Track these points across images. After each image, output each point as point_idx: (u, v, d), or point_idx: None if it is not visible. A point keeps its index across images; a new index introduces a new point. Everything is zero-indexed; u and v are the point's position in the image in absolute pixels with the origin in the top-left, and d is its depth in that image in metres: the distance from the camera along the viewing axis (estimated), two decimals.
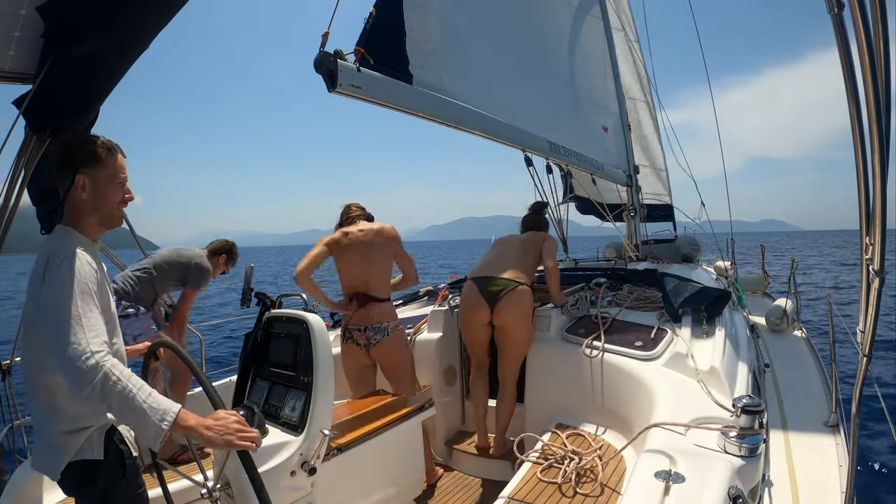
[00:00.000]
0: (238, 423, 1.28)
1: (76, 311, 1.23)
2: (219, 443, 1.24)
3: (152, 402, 1.20)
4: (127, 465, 1.43)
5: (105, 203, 1.44)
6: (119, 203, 1.47)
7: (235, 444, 1.26)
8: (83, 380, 1.16)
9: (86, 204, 1.41)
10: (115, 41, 1.69)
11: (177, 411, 1.22)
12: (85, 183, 1.40)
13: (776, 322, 4.81)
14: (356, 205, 2.83)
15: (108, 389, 1.17)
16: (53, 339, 1.21)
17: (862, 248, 1.33)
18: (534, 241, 3.11)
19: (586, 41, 5.40)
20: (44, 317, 1.26)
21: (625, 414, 2.29)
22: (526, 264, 2.95)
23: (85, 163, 1.40)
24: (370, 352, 2.67)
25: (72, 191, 1.40)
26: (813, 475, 2.24)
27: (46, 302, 1.25)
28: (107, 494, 1.38)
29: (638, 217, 6.33)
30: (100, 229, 1.47)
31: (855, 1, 1.09)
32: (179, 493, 1.99)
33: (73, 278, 1.27)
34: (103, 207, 1.44)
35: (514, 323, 2.75)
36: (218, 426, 1.26)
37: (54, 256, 1.30)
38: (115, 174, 1.44)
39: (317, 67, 2.24)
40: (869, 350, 1.45)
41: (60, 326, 1.21)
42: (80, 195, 1.40)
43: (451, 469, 3.00)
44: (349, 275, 2.67)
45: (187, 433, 1.24)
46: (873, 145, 1.19)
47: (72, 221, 1.42)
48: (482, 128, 3.27)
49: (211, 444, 1.24)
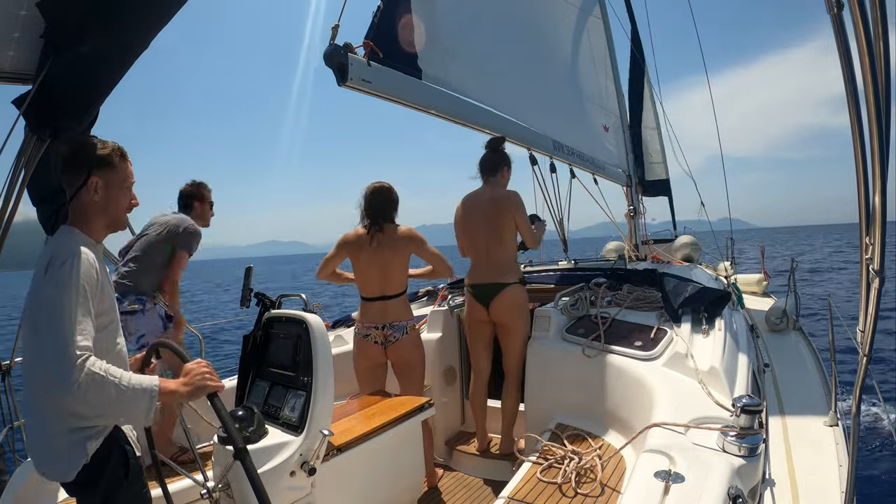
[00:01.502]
0: (206, 368, 1.40)
1: (70, 313, 1.25)
2: (196, 392, 1.36)
3: (135, 383, 1.28)
4: (130, 466, 1.43)
5: (115, 206, 1.48)
6: (126, 208, 1.52)
7: (210, 387, 1.37)
8: (68, 379, 1.19)
9: (96, 206, 1.44)
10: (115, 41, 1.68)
11: (157, 382, 1.31)
12: (98, 185, 1.43)
13: (776, 322, 4.81)
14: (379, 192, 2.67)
15: (94, 386, 1.21)
16: (46, 337, 1.24)
17: (862, 248, 1.33)
18: (501, 210, 2.87)
19: (587, 41, 5.41)
20: (41, 314, 1.27)
21: (625, 414, 2.29)
22: (506, 250, 2.89)
23: (99, 165, 1.44)
24: (387, 350, 2.67)
25: (82, 191, 1.43)
26: (813, 475, 2.24)
27: (45, 300, 1.27)
28: (109, 495, 1.38)
29: (638, 217, 6.33)
30: (106, 231, 1.51)
31: (855, 1, 1.09)
32: (179, 493, 1.99)
33: (73, 280, 1.28)
34: (113, 211, 1.48)
35: (508, 313, 2.84)
36: (192, 378, 1.37)
37: (56, 257, 1.32)
38: (125, 179, 1.50)
39: (327, 60, 2.23)
40: (869, 350, 1.45)
41: (54, 325, 1.23)
42: (92, 196, 1.43)
43: (452, 469, 3.00)
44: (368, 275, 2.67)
45: (172, 396, 1.34)
46: (873, 145, 1.19)
47: (77, 222, 1.44)
48: (491, 125, 3.27)
49: (194, 396, 1.36)
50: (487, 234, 2.89)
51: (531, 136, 3.81)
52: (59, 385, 1.21)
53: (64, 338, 1.22)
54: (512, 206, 2.86)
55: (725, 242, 6.99)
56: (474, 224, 2.93)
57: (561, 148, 4.21)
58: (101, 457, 1.37)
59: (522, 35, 4.11)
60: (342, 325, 3.98)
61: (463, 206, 3.00)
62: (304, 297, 2.40)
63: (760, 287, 7.06)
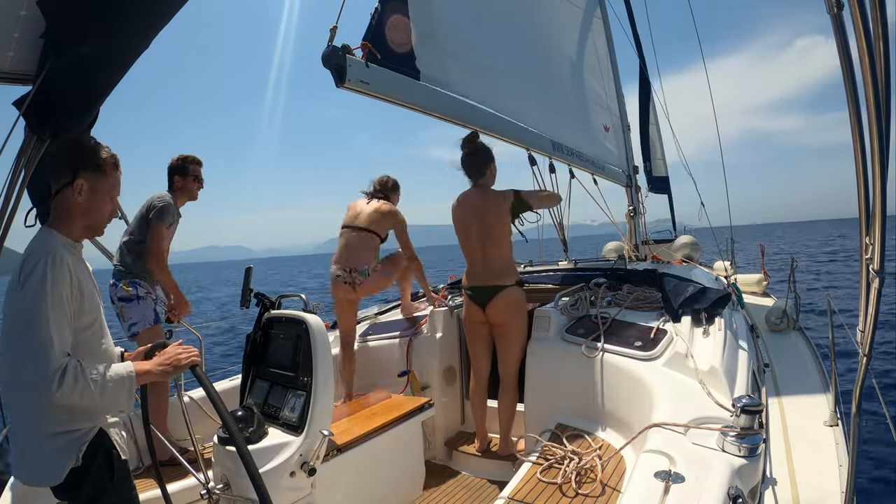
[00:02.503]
0: (181, 349, 1.50)
1: (46, 319, 1.25)
2: (171, 371, 1.45)
3: (113, 374, 1.33)
4: (115, 468, 1.43)
5: (97, 213, 1.46)
6: (108, 217, 1.51)
7: (185, 363, 1.47)
8: (49, 386, 1.21)
9: (79, 207, 1.42)
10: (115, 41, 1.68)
11: (132, 366, 1.38)
12: (83, 187, 1.41)
13: (776, 322, 4.81)
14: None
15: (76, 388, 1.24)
16: (23, 345, 1.25)
17: (862, 248, 1.33)
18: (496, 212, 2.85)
19: (587, 41, 5.41)
20: (16, 323, 1.28)
21: (625, 414, 2.29)
22: (502, 252, 2.88)
23: (88, 167, 1.42)
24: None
25: (67, 190, 1.40)
26: (813, 475, 2.23)
27: (20, 307, 1.27)
28: (94, 497, 1.38)
29: (638, 217, 6.32)
30: (85, 233, 1.49)
31: (854, 1, 1.09)
32: (179, 494, 1.99)
33: (46, 286, 1.27)
34: (95, 216, 1.46)
35: (506, 316, 2.83)
36: (166, 359, 1.46)
37: (28, 262, 1.30)
38: (112, 188, 1.48)
39: (325, 62, 2.23)
40: (869, 350, 1.45)
41: (30, 333, 1.24)
42: (76, 197, 1.41)
43: (452, 469, 3.00)
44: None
45: (148, 378, 1.42)
46: (873, 146, 1.19)
47: (57, 221, 1.42)
48: (489, 126, 3.26)
49: (167, 375, 1.45)
50: (483, 237, 2.88)
51: (530, 136, 3.80)
52: (41, 392, 1.23)
53: (42, 345, 1.23)
54: (507, 207, 2.84)
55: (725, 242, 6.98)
56: (469, 226, 2.92)
57: (560, 148, 4.21)
58: (85, 460, 1.36)
59: (521, 35, 4.11)
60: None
61: (457, 208, 2.99)
62: (303, 297, 2.40)
63: (760, 287, 7.05)
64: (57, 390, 1.21)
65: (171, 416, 2.68)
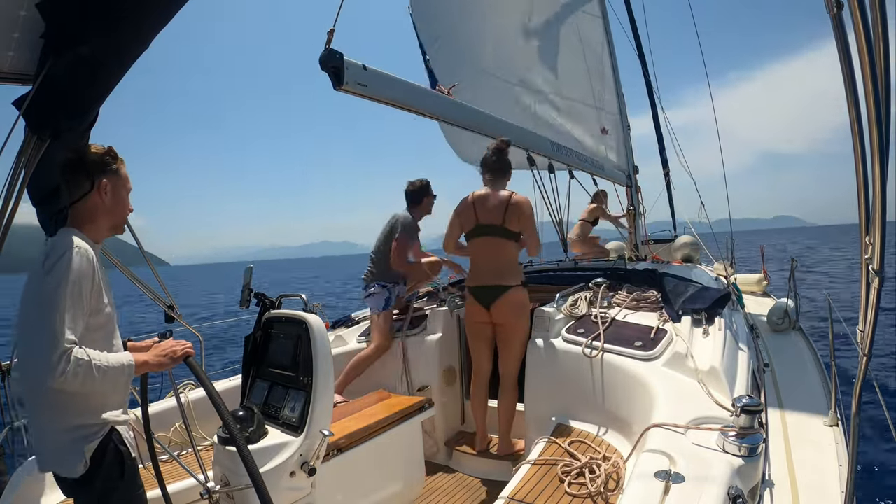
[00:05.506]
0: (175, 342, 1.57)
1: (62, 306, 1.29)
2: (167, 362, 1.52)
3: (114, 362, 1.37)
4: (125, 466, 1.44)
5: (121, 209, 1.55)
6: (128, 211, 1.59)
7: (179, 354, 1.54)
8: (55, 371, 1.24)
9: (104, 208, 1.50)
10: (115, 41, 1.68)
11: (132, 357, 1.43)
12: (108, 188, 1.49)
13: (776, 322, 4.81)
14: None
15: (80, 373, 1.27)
16: (37, 329, 1.29)
17: (862, 247, 1.33)
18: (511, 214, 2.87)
19: (587, 42, 5.41)
20: (34, 307, 1.33)
21: (624, 414, 2.29)
22: (509, 253, 2.90)
23: (106, 170, 1.50)
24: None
25: (90, 194, 1.47)
26: (813, 475, 2.23)
27: (39, 292, 1.31)
28: (105, 495, 1.40)
29: (638, 217, 6.33)
30: (108, 233, 1.56)
31: (854, 1, 1.09)
32: (179, 494, 1.99)
33: (69, 273, 1.32)
34: (119, 213, 1.55)
35: (510, 315, 2.85)
36: (161, 352, 1.53)
37: (55, 251, 1.35)
38: (125, 183, 1.56)
39: (322, 65, 2.23)
40: (869, 350, 1.44)
41: (45, 318, 1.28)
42: (102, 198, 1.49)
43: (452, 469, 3.00)
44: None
45: (146, 368, 1.49)
46: (873, 146, 1.19)
47: (78, 224, 1.47)
48: (487, 127, 3.27)
49: (163, 366, 1.52)
50: (492, 237, 2.89)
51: (529, 137, 3.81)
52: (47, 376, 1.26)
53: (54, 331, 1.26)
54: (524, 214, 2.87)
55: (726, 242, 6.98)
56: (479, 224, 2.91)
57: (559, 149, 4.21)
58: (97, 457, 1.39)
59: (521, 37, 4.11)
60: (342, 325, 3.98)
61: (469, 205, 2.95)
62: (304, 297, 2.40)
63: (760, 287, 7.05)
64: (60, 375, 1.24)
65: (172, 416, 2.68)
